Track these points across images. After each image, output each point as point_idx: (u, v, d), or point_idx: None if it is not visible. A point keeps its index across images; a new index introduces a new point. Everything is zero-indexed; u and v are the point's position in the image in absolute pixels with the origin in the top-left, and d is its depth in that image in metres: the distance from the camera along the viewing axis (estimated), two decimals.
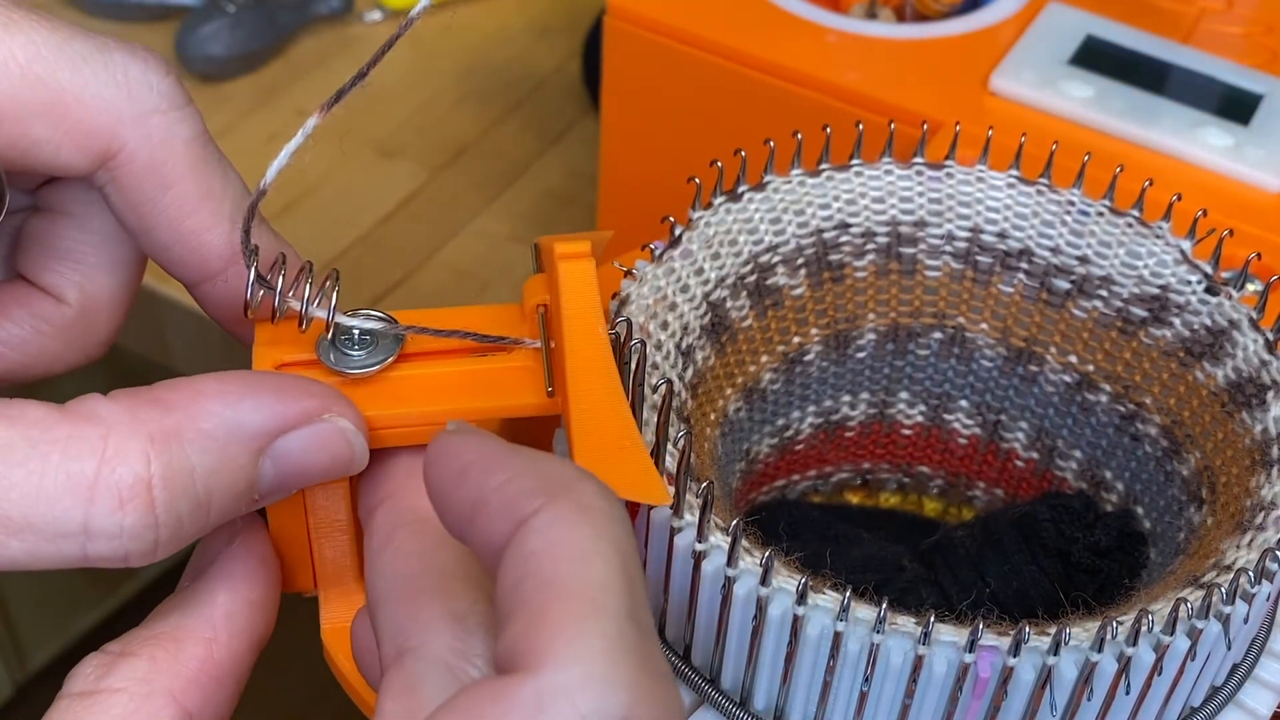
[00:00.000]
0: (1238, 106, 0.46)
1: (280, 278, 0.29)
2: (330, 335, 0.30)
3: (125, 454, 0.25)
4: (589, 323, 0.29)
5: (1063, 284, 0.35)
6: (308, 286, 0.29)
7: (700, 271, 0.33)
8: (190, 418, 0.26)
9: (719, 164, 0.34)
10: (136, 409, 0.26)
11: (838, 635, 0.27)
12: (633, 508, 0.29)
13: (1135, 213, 0.34)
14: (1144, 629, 0.26)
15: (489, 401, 0.30)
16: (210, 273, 0.31)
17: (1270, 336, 0.32)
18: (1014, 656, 0.26)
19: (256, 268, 0.29)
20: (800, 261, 0.34)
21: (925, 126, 0.35)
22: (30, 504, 0.25)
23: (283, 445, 0.27)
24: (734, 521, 0.27)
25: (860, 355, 0.36)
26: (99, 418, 0.25)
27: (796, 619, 0.27)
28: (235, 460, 0.26)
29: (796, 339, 0.35)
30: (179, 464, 0.26)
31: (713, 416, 0.33)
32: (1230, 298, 0.33)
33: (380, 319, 0.30)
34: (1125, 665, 0.27)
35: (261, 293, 0.29)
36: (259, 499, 0.28)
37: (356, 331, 0.30)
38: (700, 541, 0.27)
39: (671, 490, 0.28)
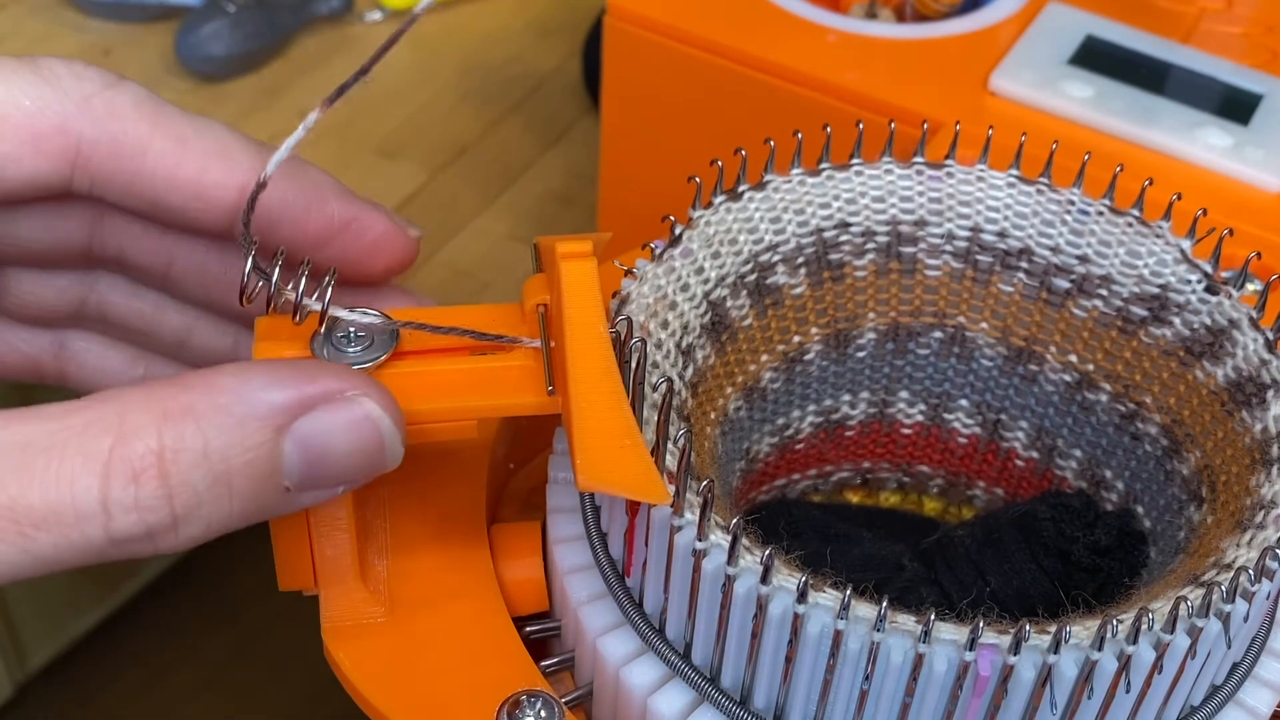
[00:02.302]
0: (1238, 106, 0.46)
1: (277, 269, 0.29)
2: (325, 331, 0.30)
3: (140, 429, 0.26)
4: (590, 322, 0.29)
5: (1063, 283, 0.35)
6: (304, 279, 0.29)
7: (700, 270, 0.33)
8: (205, 394, 0.26)
9: (719, 163, 0.34)
10: (154, 389, 0.26)
11: (838, 634, 0.27)
12: (633, 506, 0.29)
13: (1135, 212, 0.34)
14: (1144, 627, 0.26)
15: (489, 400, 0.30)
16: (230, 211, 0.31)
17: (1270, 336, 0.32)
18: (1014, 655, 0.26)
19: (254, 257, 0.29)
20: (800, 261, 0.34)
21: (925, 126, 0.35)
22: (51, 490, 0.25)
23: (303, 426, 0.27)
24: (734, 520, 0.27)
25: (860, 354, 0.36)
26: (117, 398, 0.26)
27: (797, 617, 0.27)
28: (253, 437, 0.26)
29: (796, 338, 0.35)
30: (191, 437, 0.26)
31: (713, 415, 0.33)
32: (1230, 297, 0.33)
33: (377, 314, 0.30)
34: (1125, 664, 0.27)
35: (259, 283, 0.29)
36: (291, 489, 0.27)
37: (352, 328, 0.30)
38: (700, 540, 0.27)
39: (672, 489, 0.28)
